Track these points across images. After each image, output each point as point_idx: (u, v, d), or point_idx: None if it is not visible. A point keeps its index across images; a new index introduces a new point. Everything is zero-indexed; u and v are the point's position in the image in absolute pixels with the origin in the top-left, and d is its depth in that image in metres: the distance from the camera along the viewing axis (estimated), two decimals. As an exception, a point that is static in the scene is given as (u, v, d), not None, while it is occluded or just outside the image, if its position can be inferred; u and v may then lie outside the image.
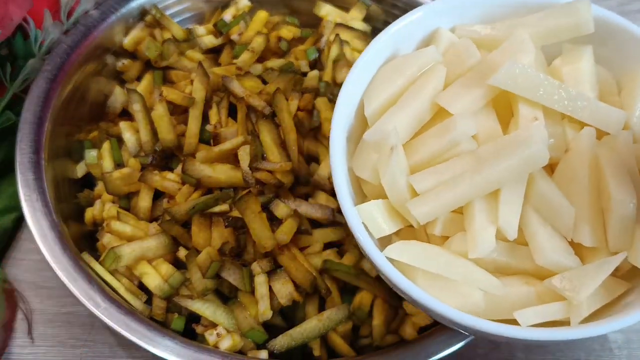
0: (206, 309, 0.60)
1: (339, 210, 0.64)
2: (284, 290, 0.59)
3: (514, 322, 0.48)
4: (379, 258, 0.48)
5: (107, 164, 0.69)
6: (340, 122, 0.53)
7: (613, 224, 0.48)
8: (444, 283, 0.49)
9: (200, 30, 0.76)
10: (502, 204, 0.48)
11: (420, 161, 0.51)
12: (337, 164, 0.52)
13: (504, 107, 0.53)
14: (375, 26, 0.80)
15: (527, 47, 0.52)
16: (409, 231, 0.53)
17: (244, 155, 0.64)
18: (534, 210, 0.49)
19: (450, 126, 0.50)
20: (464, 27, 0.58)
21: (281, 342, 0.58)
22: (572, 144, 0.51)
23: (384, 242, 0.51)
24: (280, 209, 0.61)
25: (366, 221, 0.50)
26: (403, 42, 0.58)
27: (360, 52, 0.75)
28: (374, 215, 0.50)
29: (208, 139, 0.68)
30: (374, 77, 0.56)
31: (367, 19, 0.79)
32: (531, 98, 0.50)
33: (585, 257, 0.50)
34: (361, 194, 0.54)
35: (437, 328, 0.59)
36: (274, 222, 0.61)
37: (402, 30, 0.57)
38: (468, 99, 0.51)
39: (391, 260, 0.49)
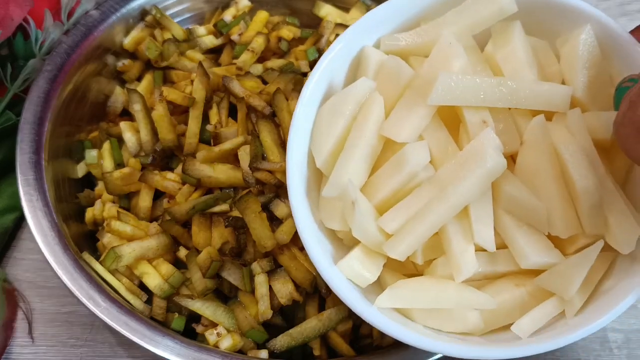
0: (206, 308, 0.60)
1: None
2: (284, 290, 0.60)
3: None
4: (370, 314, 0.48)
5: (108, 164, 0.69)
6: (295, 175, 0.52)
7: (584, 210, 0.48)
8: (440, 313, 0.50)
9: (201, 30, 0.76)
10: (474, 221, 0.48)
11: (383, 199, 0.50)
12: (303, 222, 0.51)
13: (450, 114, 0.52)
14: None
15: (456, 51, 0.50)
16: (395, 261, 0.52)
17: (244, 155, 0.64)
18: (507, 213, 0.49)
19: (403, 160, 0.49)
20: (388, 39, 0.56)
21: (281, 341, 0.58)
22: (526, 135, 0.51)
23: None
24: (280, 209, 0.61)
25: (351, 277, 0.50)
26: (336, 72, 0.56)
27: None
28: (356, 268, 0.50)
29: (208, 139, 0.68)
30: (315, 123, 0.54)
31: (367, 19, 0.80)
32: (474, 104, 0.49)
33: (565, 246, 0.50)
34: (337, 240, 0.54)
35: (436, 328, 0.59)
36: (274, 222, 0.61)
37: (331, 63, 0.55)
38: (412, 122, 0.50)
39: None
